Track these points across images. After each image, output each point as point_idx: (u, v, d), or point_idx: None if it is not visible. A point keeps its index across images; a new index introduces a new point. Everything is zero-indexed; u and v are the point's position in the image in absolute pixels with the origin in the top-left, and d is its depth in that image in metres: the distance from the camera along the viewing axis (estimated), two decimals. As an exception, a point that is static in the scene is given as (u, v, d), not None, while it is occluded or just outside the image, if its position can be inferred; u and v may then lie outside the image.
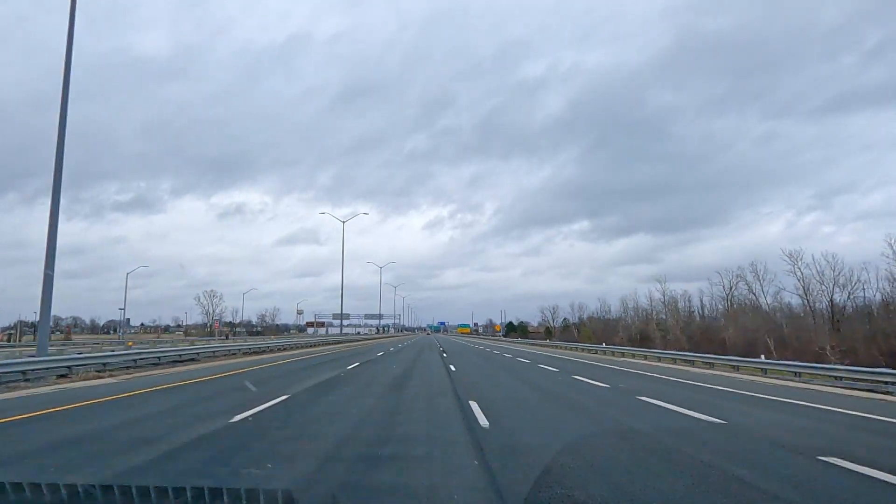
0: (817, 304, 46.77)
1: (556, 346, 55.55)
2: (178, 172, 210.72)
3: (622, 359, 34.68)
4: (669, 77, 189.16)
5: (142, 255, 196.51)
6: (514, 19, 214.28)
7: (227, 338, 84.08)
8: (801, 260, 47.51)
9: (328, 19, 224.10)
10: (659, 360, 32.05)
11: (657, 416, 10.26)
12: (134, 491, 4.27)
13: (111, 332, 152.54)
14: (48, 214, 19.33)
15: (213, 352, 30.02)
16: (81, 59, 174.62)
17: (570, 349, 48.27)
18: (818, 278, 45.95)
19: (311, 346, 47.80)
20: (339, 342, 63.47)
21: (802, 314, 47.58)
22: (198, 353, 27.40)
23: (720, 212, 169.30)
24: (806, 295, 46.83)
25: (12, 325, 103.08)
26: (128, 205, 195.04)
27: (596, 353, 41.22)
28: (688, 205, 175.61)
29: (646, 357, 34.51)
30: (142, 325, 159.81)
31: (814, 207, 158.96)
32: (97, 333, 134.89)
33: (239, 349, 34.40)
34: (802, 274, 47.03)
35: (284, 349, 41.14)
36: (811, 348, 36.72)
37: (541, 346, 61.85)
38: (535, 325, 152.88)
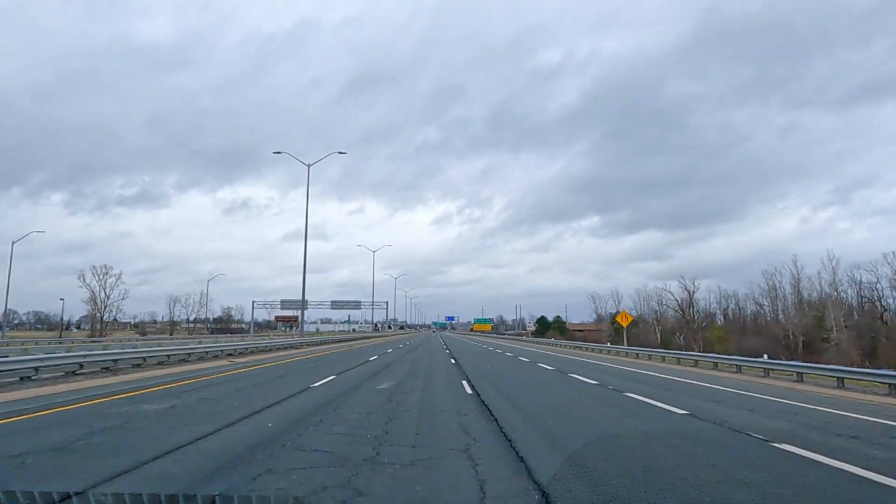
0: None
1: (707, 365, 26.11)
2: (183, 166, 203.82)
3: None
4: (690, 64, 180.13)
5: (147, 250, 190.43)
6: (530, 3, 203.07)
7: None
8: None
9: (337, 4, 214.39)
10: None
11: None
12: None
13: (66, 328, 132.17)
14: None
15: None
16: (83, 47, 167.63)
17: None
18: None
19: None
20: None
21: None
22: None
23: (736, 207, 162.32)
24: None
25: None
26: (133, 199, 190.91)
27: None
28: (702, 199, 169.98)
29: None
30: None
31: (831, 202, 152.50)
32: (44, 330, 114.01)
33: None
34: None
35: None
36: None
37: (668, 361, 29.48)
38: (549, 319, 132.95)
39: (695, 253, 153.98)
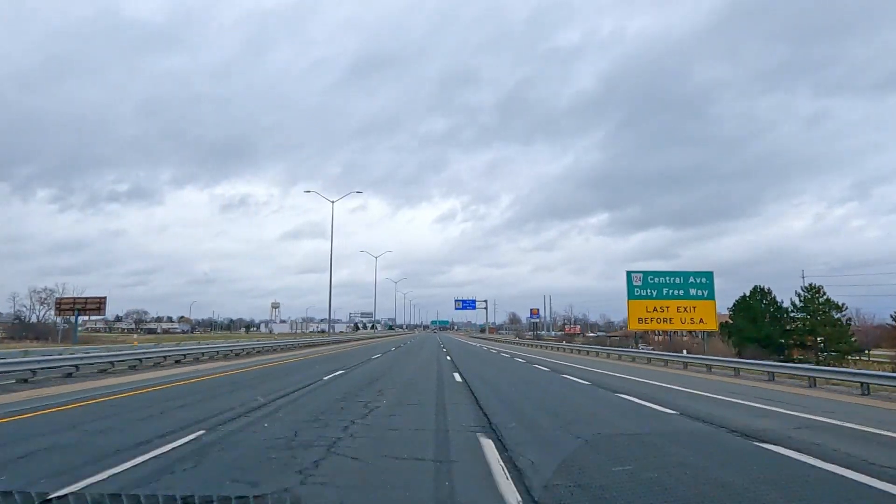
0: None
1: None
2: (177, 159, 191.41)
3: None
4: (720, 45, 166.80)
5: (142, 249, 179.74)
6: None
7: None
8: None
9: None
10: None
11: None
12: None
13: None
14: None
15: None
16: (68, 28, 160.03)
17: None
18: None
19: None
20: None
21: None
22: None
23: (750, 203, 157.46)
24: None
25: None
26: (125, 195, 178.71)
27: None
28: (715, 195, 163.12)
29: None
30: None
31: (849, 199, 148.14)
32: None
33: None
34: None
35: None
36: None
37: None
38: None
39: (701, 252, 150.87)
